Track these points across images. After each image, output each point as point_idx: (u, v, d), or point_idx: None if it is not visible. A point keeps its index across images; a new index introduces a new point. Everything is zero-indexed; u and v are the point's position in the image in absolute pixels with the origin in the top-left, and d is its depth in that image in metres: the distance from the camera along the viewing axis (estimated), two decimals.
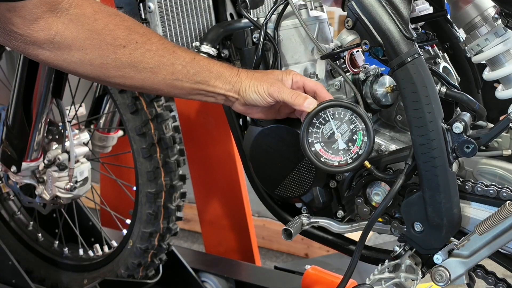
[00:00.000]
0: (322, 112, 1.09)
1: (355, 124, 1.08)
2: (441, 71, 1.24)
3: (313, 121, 1.09)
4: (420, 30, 1.34)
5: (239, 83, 1.14)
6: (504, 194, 1.06)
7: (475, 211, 1.09)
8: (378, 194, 1.14)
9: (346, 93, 1.20)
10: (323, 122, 1.09)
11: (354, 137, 1.08)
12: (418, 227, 1.09)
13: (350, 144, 1.08)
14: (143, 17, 1.21)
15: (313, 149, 1.10)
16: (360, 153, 1.08)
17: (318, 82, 1.15)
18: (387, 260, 1.13)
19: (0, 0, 0.96)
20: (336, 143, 1.09)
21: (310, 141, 1.10)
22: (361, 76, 1.19)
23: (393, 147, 1.18)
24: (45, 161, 1.77)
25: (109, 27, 1.06)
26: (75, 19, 1.04)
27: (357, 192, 1.16)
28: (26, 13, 0.99)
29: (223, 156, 2.24)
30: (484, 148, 1.18)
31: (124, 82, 1.11)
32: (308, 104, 1.10)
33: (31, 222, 2.08)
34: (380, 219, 1.16)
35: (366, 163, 1.10)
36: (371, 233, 1.18)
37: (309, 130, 1.10)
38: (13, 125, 1.69)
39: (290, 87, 1.13)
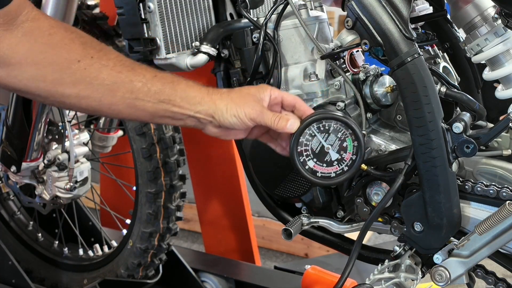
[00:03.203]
0: (307, 129, 1.07)
1: (342, 132, 1.07)
2: (441, 71, 1.24)
3: (300, 140, 1.08)
4: (420, 30, 1.34)
5: (213, 105, 1.06)
6: (504, 194, 1.06)
7: (475, 211, 1.09)
8: (378, 194, 1.14)
9: (346, 93, 1.20)
10: (310, 138, 1.07)
11: (344, 144, 1.07)
12: (418, 227, 1.09)
13: (342, 152, 1.07)
14: (143, 17, 1.20)
15: (307, 167, 1.08)
16: (354, 158, 1.07)
17: (297, 96, 1.12)
18: (387, 260, 1.13)
19: None
20: (328, 155, 1.08)
21: (302, 160, 1.08)
22: (361, 76, 1.19)
23: (393, 147, 1.18)
24: (45, 161, 1.77)
25: (64, 41, 1.00)
26: (30, 32, 0.98)
27: (357, 192, 1.16)
28: None
29: (223, 156, 2.24)
30: (484, 148, 1.18)
31: (80, 103, 1.02)
32: (291, 126, 1.06)
33: (31, 222, 2.08)
34: (380, 219, 1.16)
35: (363, 166, 1.09)
36: (370, 233, 1.18)
37: (298, 150, 1.08)
38: (13, 125, 1.69)
39: (268, 104, 1.08)
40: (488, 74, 1.19)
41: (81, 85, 1.00)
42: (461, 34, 1.33)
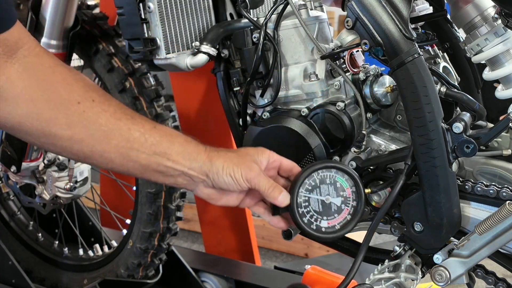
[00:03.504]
0: (298, 197, 1.07)
1: (329, 175, 1.07)
2: (441, 71, 1.24)
3: (299, 210, 1.07)
4: (420, 30, 1.34)
5: (209, 163, 1.02)
6: (504, 194, 1.06)
7: (475, 211, 1.09)
8: (378, 194, 1.14)
9: (346, 93, 1.20)
10: (307, 202, 1.08)
11: (338, 185, 1.08)
12: (418, 227, 1.09)
13: (341, 192, 1.08)
14: (143, 17, 1.20)
15: (323, 229, 1.08)
16: (354, 189, 1.07)
17: (294, 163, 1.12)
18: (387, 260, 1.13)
19: None
20: (333, 204, 1.08)
21: (314, 228, 1.08)
22: (361, 76, 1.19)
23: (393, 147, 1.18)
24: (45, 161, 1.77)
25: (67, 80, 0.96)
26: (31, 68, 0.94)
27: None
28: None
29: None
30: (484, 148, 1.18)
31: (71, 147, 0.97)
32: (283, 198, 1.05)
33: (31, 222, 2.08)
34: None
35: (367, 190, 1.10)
36: None
37: (304, 220, 1.07)
38: None
39: (265, 168, 1.07)
40: (488, 74, 1.19)
41: (77, 128, 0.96)
42: (461, 34, 1.33)
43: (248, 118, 1.28)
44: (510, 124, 1.06)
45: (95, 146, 0.98)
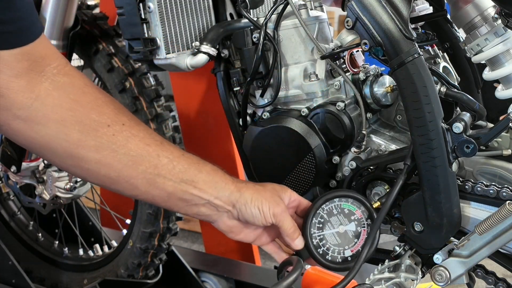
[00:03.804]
0: (313, 239, 1.07)
1: (334, 206, 1.08)
2: (441, 71, 1.24)
3: (319, 251, 1.08)
4: (420, 30, 1.34)
5: (237, 193, 1.01)
6: (504, 194, 1.05)
7: (475, 211, 1.09)
8: (378, 194, 1.14)
9: (346, 93, 1.20)
10: (324, 240, 1.08)
11: (346, 211, 1.08)
12: (418, 227, 1.09)
13: (352, 217, 1.08)
14: (143, 17, 1.20)
15: (349, 258, 1.08)
16: (363, 208, 1.08)
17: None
18: (387, 260, 1.13)
19: None
20: (349, 231, 1.08)
21: (340, 261, 1.08)
22: (361, 76, 1.19)
23: (393, 147, 1.18)
24: (45, 161, 1.77)
25: (97, 102, 0.94)
26: (61, 87, 0.92)
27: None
28: (3, 66, 0.85)
29: (223, 156, 2.24)
30: (484, 148, 1.18)
31: (98, 170, 0.95)
32: (299, 242, 1.05)
33: (31, 222, 2.08)
34: None
35: (376, 204, 1.09)
36: None
37: (328, 259, 1.08)
38: None
39: (287, 205, 1.07)
40: (488, 74, 1.19)
41: (105, 151, 0.93)
42: (461, 34, 1.33)
43: (248, 118, 1.28)
44: (510, 124, 1.06)
45: (122, 171, 0.95)
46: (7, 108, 0.88)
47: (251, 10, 1.25)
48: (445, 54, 1.39)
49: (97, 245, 2.01)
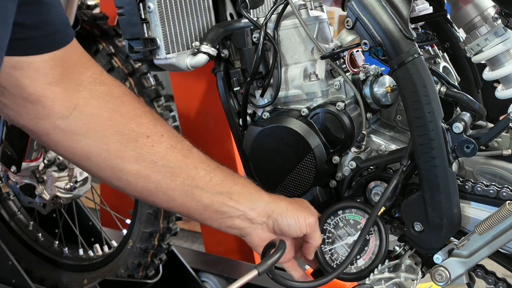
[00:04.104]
0: (325, 255, 1.09)
1: (339, 219, 1.10)
2: (441, 71, 1.24)
3: (332, 265, 1.09)
4: (420, 30, 1.34)
5: (272, 204, 1.01)
6: (504, 194, 1.06)
7: (475, 211, 1.09)
8: (378, 194, 1.14)
9: (346, 93, 1.20)
10: (335, 254, 1.10)
11: (351, 221, 1.09)
12: (418, 227, 1.09)
13: (359, 226, 1.09)
14: (143, 17, 1.20)
15: (362, 267, 1.09)
16: (367, 216, 1.08)
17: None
18: (387, 260, 1.13)
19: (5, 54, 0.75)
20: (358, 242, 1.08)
21: (355, 271, 1.09)
22: (361, 76, 1.19)
23: (393, 147, 1.18)
24: (45, 161, 1.77)
25: (136, 112, 0.93)
26: (100, 96, 0.90)
27: (357, 192, 1.16)
28: (36, 72, 0.83)
29: (223, 156, 2.24)
30: (484, 148, 1.18)
31: (136, 182, 0.94)
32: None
33: (31, 222, 2.08)
34: None
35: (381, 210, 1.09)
36: None
37: (348, 272, 1.08)
38: (13, 125, 1.69)
39: None
40: (488, 74, 1.19)
41: (144, 163, 0.92)
42: (461, 34, 1.33)
43: (248, 118, 1.28)
44: (510, 124, 1.06)
45: (160, 183, 0.94)
46: (45, 117, 0.86)
47: (251, 10, 1.25)
48: (445, 54, 1.38)
49: (97, 245, 2.01)
